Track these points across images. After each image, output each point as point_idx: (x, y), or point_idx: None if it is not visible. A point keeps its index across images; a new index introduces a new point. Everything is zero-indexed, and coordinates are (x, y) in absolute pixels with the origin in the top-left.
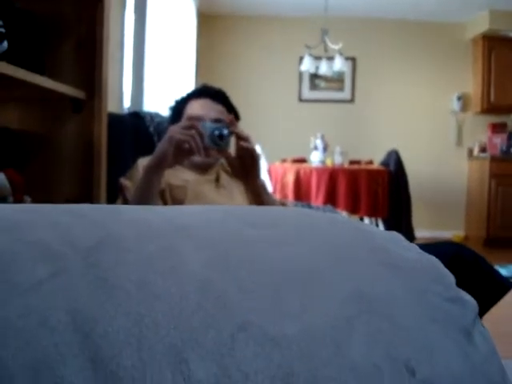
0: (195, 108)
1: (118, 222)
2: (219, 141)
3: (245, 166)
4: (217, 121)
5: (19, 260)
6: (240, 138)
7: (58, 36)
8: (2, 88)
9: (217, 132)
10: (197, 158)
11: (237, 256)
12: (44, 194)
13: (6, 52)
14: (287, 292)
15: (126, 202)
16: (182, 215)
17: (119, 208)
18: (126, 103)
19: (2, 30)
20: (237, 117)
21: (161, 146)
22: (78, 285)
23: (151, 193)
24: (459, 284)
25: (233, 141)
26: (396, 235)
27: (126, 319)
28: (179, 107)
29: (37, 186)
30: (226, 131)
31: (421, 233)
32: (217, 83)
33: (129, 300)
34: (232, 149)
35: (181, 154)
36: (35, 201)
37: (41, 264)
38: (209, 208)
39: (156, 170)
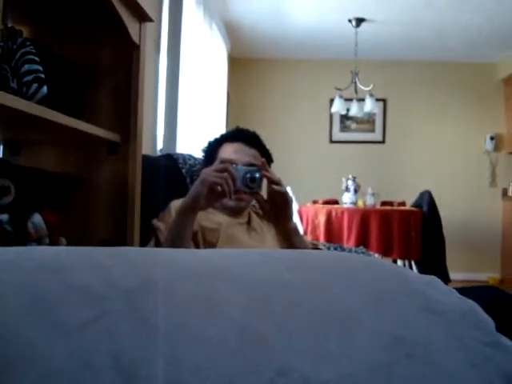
0: (228, 152)
1: (158, 264)
2: (251, 184)
3: (276, 210)
4: (249, 165)
5: (64, 302)
6: (271, 181)
7: (96, 81)
8: (41, 131)
9: (249, 175)
10: (229, 202)
11: (276, 299)
12: (79, 236)
13: (45, 97)
14: (326, 336)
15: (158, 243)
16: (221, 258)
17: (159, 251)
18: (159, 145)
19: (42, 75)
20: (270, 160)
21: (194, 188)
22: (121, 328)
23: (184, 235)
24: (499, 329)
25: (264, 184)
26: (434, 279)
27: (166, 362)
28: (213, 150)
29: (72, 227)
30: (257, 174)
31: (456, 275)
32: (248, 125)
33: (169, 343)
34: (264, 192)
35: (214, 196)
36: (70, 242)
37: (85, 306)
38: (247, 251)
39: (189, 211)
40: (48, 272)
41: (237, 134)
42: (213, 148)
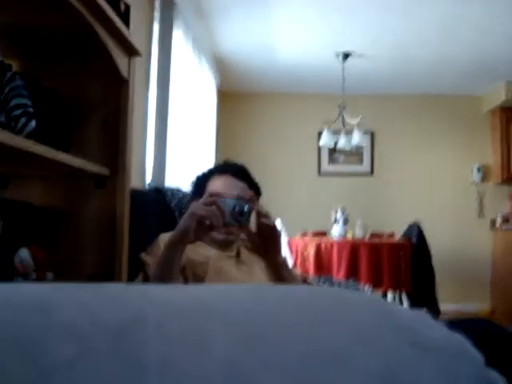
0: (217, 185)
1: (145, 301)
2: (239, 217)
3: (265, 243)
4: (238, 198)
5: (48, 340)
6: (260, 214)
7: (85, 115)
8: (29, 165)
9: (237, 208)
10: (218, 236)
11: (264, 337)
12: (67, 270)
13: (34, 130)
14: (317, 375)
15: (146, 278)
16: (209, 294)
17: (146, 287)
18: (148, 178)
19: (31, 109)
20: (258, 192)
21: (182, 221)
22: (106, 366)
23: (172, 269)
24: (488, 362)
25: (253, 217)
26: (422, 314)
27: None
28: (201, 183)
29: (60, 261)
30: (246, 207)
31: (446, 306)
32: (237, 158)
33: (155, 381)
34: (252, 225)
35: (202, 229)
36: (58, 277)
37: (68, 344)
38: (235, 287)
39: (178, 245)
40: (31, 309)
41: (225, 167)
42: (201, 181)
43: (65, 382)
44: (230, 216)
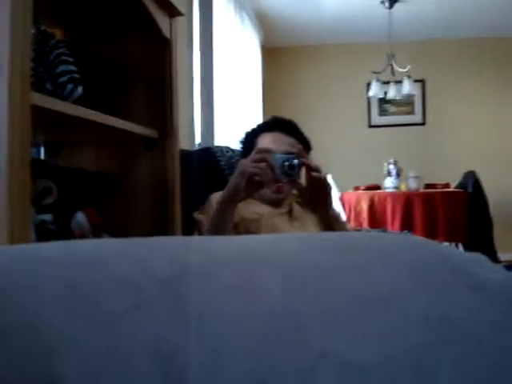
0: (266, 141)
1: (194, 252)
2: (290, 171)
3: (316, 197)
4: (287, 153)
5: (101, 292)
6: (310, 168)
7: (129, 78)
8: (79, 131)
9: (287, 163)
10: (269, 194)
11: (313, 283)
12: (121, 232)
13: (81, 96)
14: (366, 318)
15: (201, 236)
16: (257, 243)
17: (195, 239)
18: (197, 139)
19: (77, 75)
20: (308, 147)
21: (233, 180)
22: (159, 316)
23: (225, 226)
24: None
25: (303, 172)
26: (479, 257)
27: (203, 350)
28: (250, 141)
29: (114, 224)
30: (295, 162)
31: (505, 255)
32: (285, 114)
33: (207, 331)
34: (302, 179)
35: (253, 186)
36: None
37: (122, 296)
38: (284, 236)
39: (229, 203)
40: (85, 264)
41: (274, 124)
42: (250, 139)
43: (119, 331)
44: (280, 171)
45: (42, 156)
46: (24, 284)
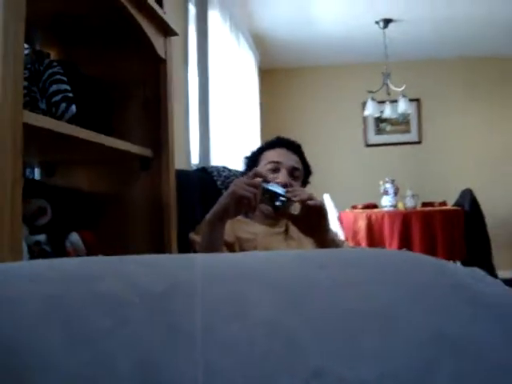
0: (272, 155)
1: (185, 268)
2: (278, 205)
3: (312, 223)
4: (293, 168)
5: (86, 310)
6: (304, 200)
7: (124, 97)
8: (73, 151)
9: (278, 196)
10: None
11: (308, 299)
12: (117, 253)
13: (75, 116)
14: (363, 334)
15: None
16: (250, 259)
17: (188, 255)
18: (194, 159)
19: (70, 94)
20: (309, 171)
21: (222, 199)
22: (146, 334)
23: (215, 245)
24: None
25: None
26: (478, 271)
27: (194, 368)
28: (254, 157)
29: (110, 244)
30: (284, 198)
31: (503, 273)
32: (282, 134)
33: (196, 348)
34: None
35: (241, 207)
36: None
37: (108, 314)
38: (278, 253)
39: (218, 222)
40: (71, 281)
41: (279, 141)
42: (255, 155)
43: (103, 350)
44: (269, 204)
45: (37, 176)
46: (6, 301)
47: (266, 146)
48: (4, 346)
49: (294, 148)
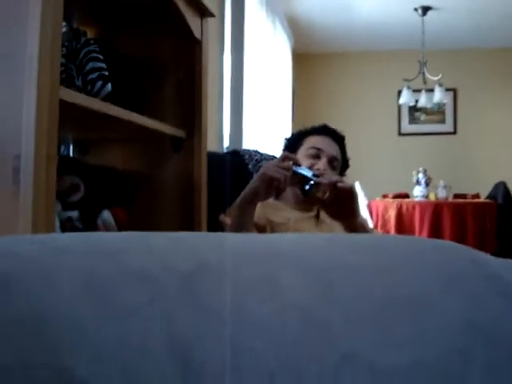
0: (317, 141)
1: (215, 247)
2: (307, 189)
3: (342, 207)
4: (332, 158)
5: (117, 285)
6: (333, 184)
7: (159, 77)
8: (107, 129)
9: (308, 180)
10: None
11: (340, 284)
12: (147, 231)
13: (110, 94)
14: (394, 321)
15: None
16: (284, 241)
17: (218, 235)
18: (226, 142)
19: (106, 73)
20: (346, 165)
21: (253, 182)
22: (175, 311)
23: (246, 227)
24: None
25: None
26: (511, 262)
27: (223, 348)
28: (296, 140)
29: (140, 223)
30: (313, 182)
31: None
32: (313, 120)
33: (226, 329)
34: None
35: (271, 189)
36: None
37: (139, 290)
38: (311, 236)
39: (248, 204)
40: (102, 255)
41: (324, 129)
42: (297, 138)
43: (134, 326)
44: (299, 185)
45: (72, 154)
46: (40, 273)
47: (312, 131)
48: (39, 315)
49: (338, 139)
